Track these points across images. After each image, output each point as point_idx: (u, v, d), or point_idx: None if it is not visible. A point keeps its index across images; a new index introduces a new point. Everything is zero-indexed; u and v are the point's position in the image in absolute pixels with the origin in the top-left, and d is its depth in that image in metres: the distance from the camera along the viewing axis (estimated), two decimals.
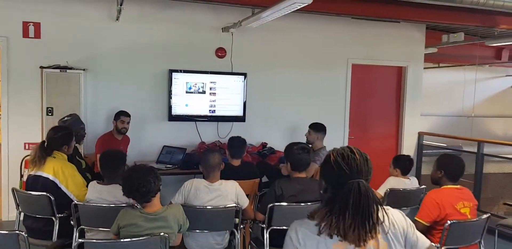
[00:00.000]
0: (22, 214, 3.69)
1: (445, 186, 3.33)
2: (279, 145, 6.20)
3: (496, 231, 4.35)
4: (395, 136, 7.23)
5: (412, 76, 7.09)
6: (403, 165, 4.32)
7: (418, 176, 7.14)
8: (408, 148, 7.19)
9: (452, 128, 11.08)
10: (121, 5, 4.78)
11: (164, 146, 5.69)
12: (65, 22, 5.49)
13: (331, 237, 1.64)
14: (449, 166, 3.35)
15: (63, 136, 3.70)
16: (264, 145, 6.13)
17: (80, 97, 5.24)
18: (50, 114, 5.09)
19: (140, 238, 2.54)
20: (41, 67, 5.20)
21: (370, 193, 1.66)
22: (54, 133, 3.70)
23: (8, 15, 5.31)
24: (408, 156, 4.50)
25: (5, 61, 5.30)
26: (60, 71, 5.17)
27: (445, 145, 8.78)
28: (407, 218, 1.79)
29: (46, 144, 3.64)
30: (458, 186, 3.33)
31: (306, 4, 3.99)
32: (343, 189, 1.66)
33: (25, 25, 5.36)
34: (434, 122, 11.61)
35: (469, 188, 6.59)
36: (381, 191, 4.14)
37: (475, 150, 7.03)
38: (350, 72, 6.77)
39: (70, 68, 5.26)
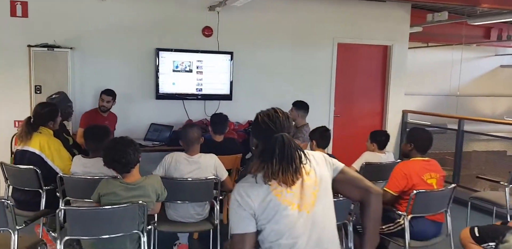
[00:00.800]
0: (10, 187, 3.84)
1: (413, 158, 3.48)
2: None
3: (469, 203, 4.53)
4: (380, 114, 7.37)
5: (397, 55, 7.19)
6: (379, 139, 4.47)
7: (400, 152, 7.32)
8: (393, 125, 7.33)
9: (441, 106, 11.25)
10: None
11: (152, 124, 5.83)
12: (53, 1, 5.56)
13: (265, 182, 1.87)
14: (419, 139, 3.51)
15: (49, 112, 3.83)
16: (250, 122, 6.26)
17: (67, 76, 5.34)
18: (38, 92, 5.20)
19: (120, 205, 2.69)
20: (29, 46, 5.28)
21: (292, 143, 1.92)
22: (40, 108, 3.83)
23: None
24: (385, 131, 4.65)
25: None
26: (48, 49, 5.26)
27: (429, 123, 8.96)
28: (325, 154, 2.09)
29: (32, 119, 3.76)
30: (427, 158, 3.49)
31: None
32: (271, 141, 1.91)
33: (13, 4, 5.42)
34: (424, 101, 11.77)
35: (451, 164, 6.79)
36: (356, 165, 4.32)
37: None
38: (336, 51, 6.86)
39: (58, 47, 5.35)
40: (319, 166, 1.99)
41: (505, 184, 4.35)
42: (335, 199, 2.07)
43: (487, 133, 7.10)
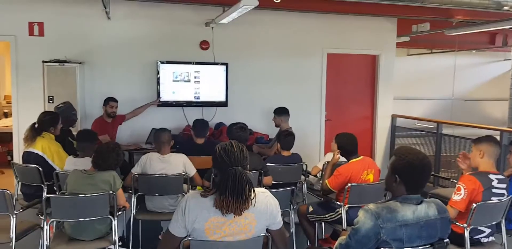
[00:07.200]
0: (20, 182, 4.56)
1: (351, 160, 4.00)
2: (259, 127, 6.95)
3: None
4: (371, 119, 7.86)
5: (385, 63, 7.69)
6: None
7: (392, 155, 7.77)
8: (382, 129, 7.82)
9: (447, 110, 11.57)
10: (105, 7, 5.58)
11: (153, 129, 6.46)
12: (65, 21, 6.30)
13: (219, 211, 2.23)
14: (343, 143, 4.05)
15: (50, 119, 4.56)
16: None
17: (76, 87, 6.04)
18: (51, 102, 5.93)
19: (91, 194, 3.35)
20: (43, 61, 6.01)
21: (244, 176, 2.25)
22: (42, 116, 4.57)
23: (16, 17, 6.15)
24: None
25: (14, 57, 6.18)
26: (59, 65, 5.98)
27: (433, 126, 9.33)
28: (278, 205, 2.43)
29: (36, 125, 4.48)
30: (360, 157, 4.01)
31: (254, 6, 4.67)
32: (225, 174, 2.25)
33: (31, 25, 6.20)
34: (429, 106, 12.11)
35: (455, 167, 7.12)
36: (319, 164, 4.88)
37: (454, 131, 7.61)
38: (326, 60, 7.40)
39: (68, 62, 6.06)
40: (261, 215, 2.33)
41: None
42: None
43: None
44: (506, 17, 6.07)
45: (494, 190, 3.35)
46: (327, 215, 3.98)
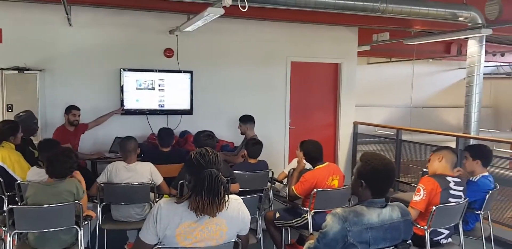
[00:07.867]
0: None
1: (317, 167, 4.09)
2: (224, 135, 6.96)
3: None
4: (333, 126, 8.01)
5: (347, 71, 7.87)
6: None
7: (354, 161, 7.94)
8: (345, 136, 7.98)
9: (405, 117, 11.92)
10: (67, 14, 5.50)
11: (116, 137, 6.40)
12: (24, 27, 6.16)
13: (192, 214, 2.25)
14: (309, 150, 4.14)
15: (10, 128, 4.45)
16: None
17: (37, 95, 5.91)
18: (10, 110, 5.77)
19: (56, 204, 3.29)
20: (1, 69, 5.86)
21: (219, 178, 2.30)
22: (2, 125, 4.47)
23: None
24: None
25: None
26: (18, 72, 5.84)
27: (393, 133, 9.59)
28: (248, 212, 2.47)
29: None
30: (326, 163, 4.10)
31: (219, 15, 4.69)
32: (201, 175, 2.27)
33: None
34: (389, 113, 12.44)
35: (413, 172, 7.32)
36: (286, 170, 4.96)
37: (412, 138, 7.85)
38: (290, 68, 7.51)
39: (28, 70, 5.93)
40: (232, 222, 2.38)
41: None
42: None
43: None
44: (461, 28, 6.32)
45: (451, 192, 3.52)
46: (293, 221, 4.04)
